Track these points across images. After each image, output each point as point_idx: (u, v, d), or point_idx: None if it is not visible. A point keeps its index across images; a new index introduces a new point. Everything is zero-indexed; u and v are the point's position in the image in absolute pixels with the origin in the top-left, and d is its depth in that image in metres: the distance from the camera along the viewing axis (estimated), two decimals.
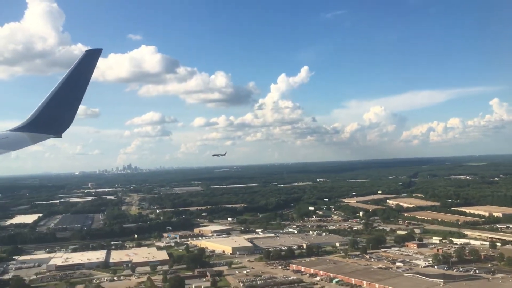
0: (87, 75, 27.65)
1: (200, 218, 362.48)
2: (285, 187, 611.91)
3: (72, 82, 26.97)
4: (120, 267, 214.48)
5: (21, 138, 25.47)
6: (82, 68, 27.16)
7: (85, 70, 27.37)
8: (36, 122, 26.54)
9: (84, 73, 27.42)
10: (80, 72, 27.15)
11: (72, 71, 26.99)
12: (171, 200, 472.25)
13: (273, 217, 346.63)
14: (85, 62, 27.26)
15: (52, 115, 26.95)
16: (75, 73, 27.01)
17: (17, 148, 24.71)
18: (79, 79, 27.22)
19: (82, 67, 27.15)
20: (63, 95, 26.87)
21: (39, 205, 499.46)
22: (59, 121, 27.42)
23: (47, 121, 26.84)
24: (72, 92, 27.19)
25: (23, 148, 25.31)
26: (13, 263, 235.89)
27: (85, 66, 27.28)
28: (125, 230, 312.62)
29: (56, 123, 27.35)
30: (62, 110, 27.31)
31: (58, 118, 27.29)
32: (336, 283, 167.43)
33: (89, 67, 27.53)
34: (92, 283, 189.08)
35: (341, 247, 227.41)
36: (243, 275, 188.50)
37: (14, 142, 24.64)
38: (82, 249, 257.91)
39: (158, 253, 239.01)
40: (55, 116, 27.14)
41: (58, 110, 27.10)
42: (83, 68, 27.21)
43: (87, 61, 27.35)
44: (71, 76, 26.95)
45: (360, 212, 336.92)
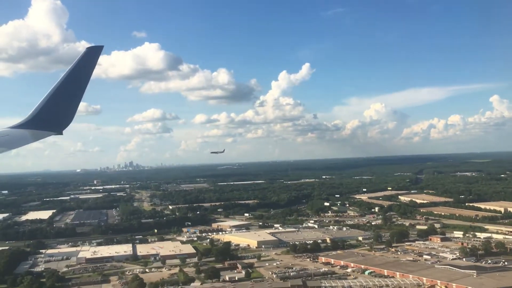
0: (88, 72, 27.54)
1: (215, 214, 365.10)
2: (293, 184, 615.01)
3: (73, 79, 26.82)
4: (148, 260, 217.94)
5: (22, 135, 25.37)
6: (83, 65, 27.05)
7: (86, 67, 27.27)
8: (37, 119, 26.43)
9: (85, 70, 27.31)
10: (81, 69, 27.02)
11: (73, 68, 26.87)
12: (182, 197, 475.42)
13: (289, 212, 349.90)
14: (86, 59, 27.15)
15: (53, 112, 26.81)
16: (76, 70, 26.89)
17: (18, 145, 24.84)
18: (80, 76, 27.11)
19: (83, 64, 27.04)
20: (64, 92, 26.76)
21: (50, 202, 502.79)
22: (60, 118, 27.34)
23: (48, 118, 26.74)
24: (73, 89, 27.14)
25: (24, 145, 25.30)
26: (41, 256, 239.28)
27: (86, 63, 27.19)
28: (144, 225, 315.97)
29: (57, 120, 27.28)
30: (63, 107, 27.16)
31: (59, 115, 27.19)
32: (368, 274, 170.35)
33: (90, 64, 27.44)
34: (125, 275, 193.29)
35: (364, 241, 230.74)
36: (274, 267, 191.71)
37: (15, 140, 24.64)
38: (106, 243, 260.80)
39: (183, 246, 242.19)
40: (56, 113, 27.02)
41: (59, 107, 26.94)
42: (84, 65, 27.08)
43: (88, 58, 27.26)
44: (72, 73, 26.82)
45: (376, 208, 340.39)
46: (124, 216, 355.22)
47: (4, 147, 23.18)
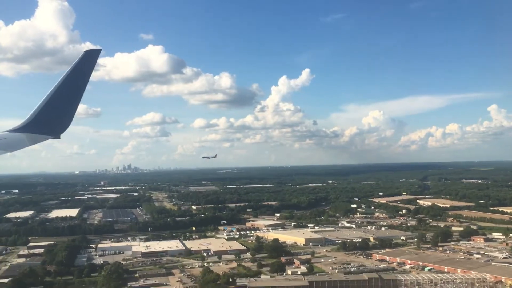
0: (86, 76, 27.44)
1: (244, 214, 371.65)
2: (303, 188, 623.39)
3: (71, 83, 26.76)
4: (201, 255, 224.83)
5: (19, 139, 25.41)
6: (81, 69, 26.98)
7: (84, 70, 27.20)
8: (34, 123, 26.45)
9: (83, 73, 27.23)
10: (79, 72, 26.95)
11: (71, 72, 26.75)
12: (203, 198, 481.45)
13: (317, 213, 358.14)
14: (84, 62, 27.11)
15: (50, 116, 26.73)
16: (74, 73, 26.78)
17: (15, 149, 24.62)
18: (77, 79, 27.01)
19: (81, 67, 26.98)
20: (61, 96, 26.64)
21: (68, 201, 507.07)
22: (57, 122, 27.28)
23: (46, 122, 26.71)
24: (70, 93, 27.02)
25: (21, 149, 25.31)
26: (90, 250, 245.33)
27: (84, 66, 27.10)
28: (179, 223, 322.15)
29: (55, 124, 27.22)
30: (60, 111, 27.07)
31: (56, 119, 27.10)
32: (428, 271, 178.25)
33: (88, 67, 27.36)
34: (185, 268, 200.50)
35: (406, 240, 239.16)
36: (330, 263, 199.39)
37: (13, 143, 24.67)
38: (153, 239, 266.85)
39: (230, 243, 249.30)
40: (53, 117, 26.89)
41: (56, 111, 26.85)
42: (82, 69, 27.03)
43: (86, 61, 27.21)
44: (70, 76, 26.69)
45: (403, 210, 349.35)
46: (155, 215, 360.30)
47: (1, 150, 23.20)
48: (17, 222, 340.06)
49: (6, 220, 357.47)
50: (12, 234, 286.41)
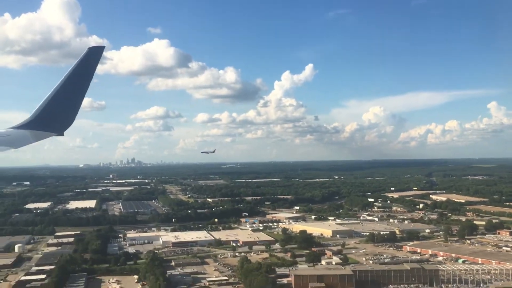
0: (89, 73, 27.37)
1: (262, 207, 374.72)
2: (311, 182, 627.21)
3: (75, 80, 26.75)
4: (230, 245, 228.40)
5: (23, 135, 25.61)
6: (84, 66, 26.92)
7: (88, 67, 27.14)
8: (38, 119, 26.59)
9: (87, 70, 27.15)
10: (83, 69, 26.89)
11: (75, 69, 26.69)
12: (218, 191, 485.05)
13: (335, 207, 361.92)
14: (88, 59, 27.03)
15: (54, 113, 26.86)
16: (78, 70, 26.73)
17: (19, 145, 24.85)
18: (81, 76, 27.00)
19: (84, 64, 26.94)
20: (65, 93, 26.65)
21: (83, 193, 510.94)
22: (61, 119, 27.38)
23: (50, 119, 26.82)
24: (74, 90, 27.05)
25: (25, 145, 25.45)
26: (120, 240, 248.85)
27: (88, 63, 27.05)
28: (199, 215, 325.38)
29: (58, 121, 27.33)
30: (64, 108, 27.15)
31: (60, 116, 27.21)
32: (462, 262, 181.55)
33: (91, 64, 27.27)
34: (218, 258, 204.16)
35: (433, 233, 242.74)
36: (362, 254, 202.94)
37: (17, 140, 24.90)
38: (180, 229, 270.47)
39: (257, 234, 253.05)
40: (57, 114, 27.02)
41: (60, 108, 26.94)
42: (85, 66, 26.97)
43: (90, 58, 27.11)
44: (74, 73, 26.67)
45: (420, 205, 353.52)
46: (174, 207, 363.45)
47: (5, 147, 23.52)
48: (39, 213, 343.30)
49: (26, 211, 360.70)
50: (36, 224, 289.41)
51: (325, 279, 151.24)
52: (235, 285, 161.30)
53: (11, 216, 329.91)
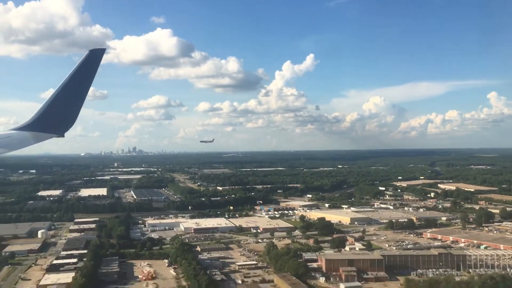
0: (90, 75, 27.42)
1: (274, 195, 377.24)
2: (317, 171, 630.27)
3: (75, 82, 26.82)
4: (250, 232, 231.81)
5: (24, 137, 25.65)
6: (85, 68, 27.01)
7: (89, 70, 27.19)
8: (39, 121, 26.66)
9: (87, 72, 27.20)
10: (84, 72, 26.96)
11: (76, 71, 26.79)
12: (226, 179, 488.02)
13: (347, 195, 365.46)
14: (89, 62, 27.08)
15: (55, 115, 26.92)
16: (79, 73, 26.82)
17: (19, 147, 24.83)
18: (82, 79, 27.05)
19: (85, 67, 26.98)
20: (66, 95, 26.72)
21: (92, 181, 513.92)
22: (62, 120, 27.45)
23: (50, 121, 26.91)
24: (75, 91, 27.08)
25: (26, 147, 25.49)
26: (141, 226, 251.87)
27: (89, 66, 27.10)
28: (213, 202, 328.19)
29: (59, 122, 27.38)
30: (65, 110, 27.19)
31: (61, 117, 27.29)
32: (484, 248, 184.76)
33: (92, 66, 27.30)
34: (241, 243, 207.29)
35: (450, 221, 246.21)
36: (383, 241, 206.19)
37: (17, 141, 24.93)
38: (198, 216, 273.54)
39: (275, 221, 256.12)
40: (58, 115, 27.08)
41: (61, 110, 26.98)
42: (86, 68, 27.04)
43: (91, 60, 27.14)
44: (75, 76, 26.75)
45: (431, 193, 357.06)
46: (187, 195, 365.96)
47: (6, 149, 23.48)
48: (55, 200, 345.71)
49: (40, 198, 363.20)
50: (53, 211, 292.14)
51: (355, 263, 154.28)
52: (265, 269, 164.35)
53: (26, 203, 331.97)
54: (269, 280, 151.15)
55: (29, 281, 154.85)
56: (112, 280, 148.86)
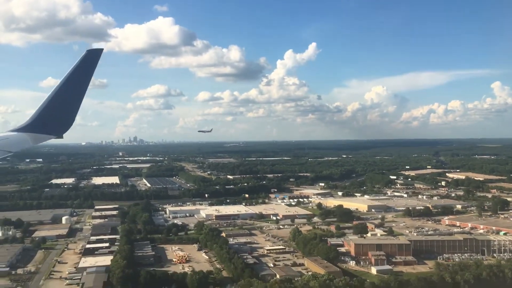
0: (88, 75, 27.18)
1: (287, 184, 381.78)
2: (323, 161, 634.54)
3: (73, 82, 26.56)
4: (270, 219, 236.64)
5: (22, 138, 25.45)
6: (83, 68, 26.69)
7: (86, 70, 26.91)
8: (37, 122, 26.42)
9: (85, 73, 26.94)
10: (81, 72, 26.65)
11: (73, 72, 26.49)
12: (236, 168, 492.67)
13: (358, 184, 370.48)
14: (86, 62, 26.74)
15: (53, 116, 26.68)
16: (76, 73, 26.51)
17: (17, 148, 24.74)
18: (80, 79, 26.82)
19: (83, 67, 26.65)
20: (64, 95, 26.50)
21: (102, 169, 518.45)
22: (60, 121, 27.27)
23: (48, 122, 26.67)
24: (73, 92, 26.84)
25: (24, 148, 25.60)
26: (162, 212, 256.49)
27: (86, 66, 26.82)
28: (228, 190, 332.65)
29: (57, 123, 27.21)
30: (63, 111, 26.99)
31: (59, 118, 27.08)
32: (503, 235, 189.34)
33: (90, 67, 27.01)
34: (263, 229, 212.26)
35: (466, 208, 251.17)
36: (403, 227, 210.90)
37: (15, 143, 24.73)
38: (216, 204, 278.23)
39: (293, 209, 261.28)
40: (56, 116, 26.85)
41: (59, 111, 26.77)
42: (84, 68, 26.74)
43: (88, 60, 26.81)
44: (72, 76, 26.45)
45: (442, 182, 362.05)
46: (201, 183, 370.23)
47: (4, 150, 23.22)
48: (71, 188, 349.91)
49: (55, 186, 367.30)
50: (70, 199, 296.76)
51: (383, 248, 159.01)
52: (292, 253, 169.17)
53: (43, 191, 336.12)
54: (300, 264, 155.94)
55: (66, 264, 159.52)
56: (149, 263, 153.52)
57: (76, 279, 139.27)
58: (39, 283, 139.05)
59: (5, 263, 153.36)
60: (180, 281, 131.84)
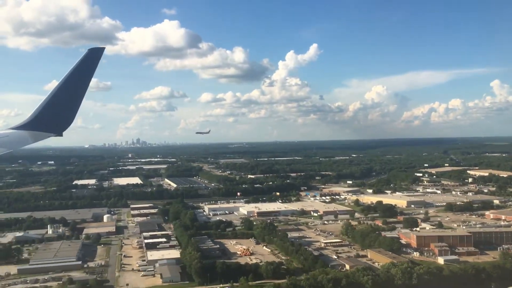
0: (89, 74, 27.25)
1: (313, 182, 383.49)
2: (336, 160, 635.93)
3: (74, 81, 26.59)
4: (311, 215, 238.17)
5: (22, 136, 25.45)
6: (84, 67, 26.77)
7: (87, 68, 27.00)
8: (37, 120, 26.39)
9: (86, 71, 27.01)
10: (82, 70, 26.73)
11: (74, 70, 26.49)
12: (256, 168, 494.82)
13: (384, 181, 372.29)
14: (88, 60, 26.86)
15: (53, 114, 26.71)
16: (77, 72, 26.54)
17: (18, 146, 24.87)
18: (81, 77, 26.84)
19: (84, 65, 26.74)
20: (64, 93, 26.50)
21: (118, 171, 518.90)
22: (60, 119, 27.19)
23: (48, 120, 26.64)
24: (73, 90, 26.87)
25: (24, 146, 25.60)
26: (199, 211, 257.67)
27: (88, 64, 26.90)
28: (257, 189, 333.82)
29: (57, 121, 27.12)
30: (63, 109, 26.96)
31: (59, 116, 27.04)
32: None
33: (91, 65, 27.07)
34: (309, 225, 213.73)
35: (505, 203, 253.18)
36: (448, 221, 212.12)
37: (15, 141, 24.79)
38: (252, 201, 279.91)
39: (331, 205, 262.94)
40: (56, 114, 26.86)
41: (59, 109, 26.75)
42: (85, 67, 26.82)
43: (90, 59, 26.93)
44: (73, 74, 26.46)
45: (469, 179, 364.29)
46: (227, 183, 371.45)
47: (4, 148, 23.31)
48: (97, 188, 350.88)
49: (80, 186, 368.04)
50: (100, 199, 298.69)
51: (445, 239, 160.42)
52: (350, 246, 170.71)
53: (71, 191, 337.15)
54: (362, 255, 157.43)
55: (131, 257, 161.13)
56: (216, 255, 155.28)
57: (150, 271, 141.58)
58: (114, 275, 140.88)
59: (75, 257, 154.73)
60: (253, 271, 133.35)
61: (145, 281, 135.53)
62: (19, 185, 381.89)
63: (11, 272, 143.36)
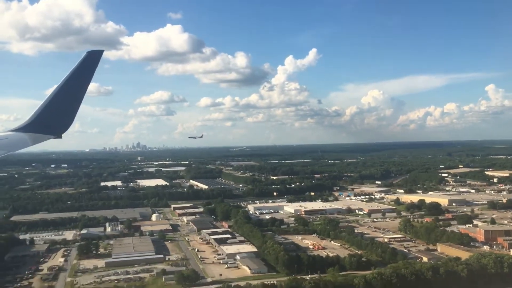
0: (88, 76, 27.42)
1: (341, 183, 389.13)
2: (348, 162, 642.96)
3: (73, 83, 26.67)
4: (356, 213, 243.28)
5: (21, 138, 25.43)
6: (83, 69, 26.92)
7: (87, 71, 27.14)
8: (36, 122, 26.38)
9: (85, 74, 27.17)
10: (82, 73, 26.87)
11: (73, 72, 26.60)
12: (277, 169, 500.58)
13: (412, 182, 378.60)
14: (87, 63, 27.02)
15: (52, 116, 26.67)
16: (76, 74, 26.63)
17: (16, 149, 24.62)
18: (80, 80, 26.94)
19: (83, 68, 26.88)
20: (63, 96, 26.58)
21: (138, 173, 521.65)
22: (59, 122, 27.20)
23: (48, 122, 26.63)
24: (73, 93, 26.97)
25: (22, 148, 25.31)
26: (245, 210, 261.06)
27: (87, 67, 27.06)
28: (289, 189, 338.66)
29: (56, 123, 27.14)
30: (62, 111, 27.01)
31: (58, 119, 27.02)
32: None
33: (90, 68, 27.28)
34: (359, 222, 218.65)
35: None
36: (497, 218, 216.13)
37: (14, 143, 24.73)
38: (294, 200, 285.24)
39: (372, 204, 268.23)
40: (55, 117, 26.82)
41: (58, 111, 26.79)
42: (84, 69, 26.97)
43: (89, 62, 27.10)
44: (72, 77, 26.55)
45: (495, 179, 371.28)
46: (256, 183, 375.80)
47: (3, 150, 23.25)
48: (130, 190, 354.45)
49: (111, 188, 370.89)
50: (139, 199, 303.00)
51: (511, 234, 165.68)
52: (413, 241, 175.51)
53: (105, 192, 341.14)
54: (432, 249, 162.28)
55: (204, 252, 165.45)
56: (291, 249, 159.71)
57: (233, 263, 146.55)
58: (198, 267, 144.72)
59: (153, 251, 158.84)
60: (335, 263, 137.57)
61: (232, 273, 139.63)
62: (48, 187, 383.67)
63: (98, 266, 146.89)
